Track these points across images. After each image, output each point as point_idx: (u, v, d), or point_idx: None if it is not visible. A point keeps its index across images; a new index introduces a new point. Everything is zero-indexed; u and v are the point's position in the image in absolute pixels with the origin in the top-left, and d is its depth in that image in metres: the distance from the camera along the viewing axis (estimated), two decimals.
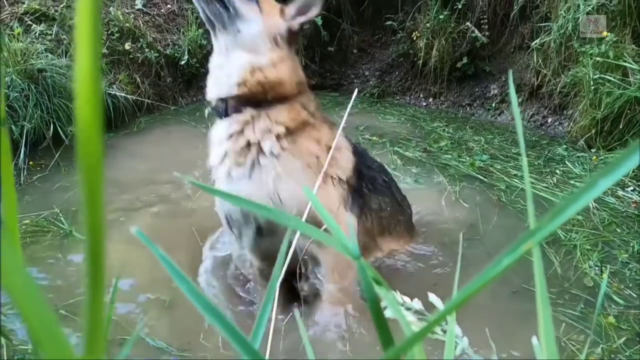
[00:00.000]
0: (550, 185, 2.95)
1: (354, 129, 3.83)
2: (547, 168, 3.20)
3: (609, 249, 2.32)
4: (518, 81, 4.38)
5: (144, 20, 4.34)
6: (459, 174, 3.11)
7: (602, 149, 3.40)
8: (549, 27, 3.98)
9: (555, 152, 3.49)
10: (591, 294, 2.01)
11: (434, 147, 3.59)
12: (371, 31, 5.12)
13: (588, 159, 3.31)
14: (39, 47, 3.53)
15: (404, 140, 3.71)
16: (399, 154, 3.42)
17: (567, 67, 3.86)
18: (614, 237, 2.39)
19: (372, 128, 3.97)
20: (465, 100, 4.74)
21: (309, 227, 0.34)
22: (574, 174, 3.13)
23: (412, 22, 4.75)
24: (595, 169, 3.16)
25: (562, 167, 3.23)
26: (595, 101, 3.43)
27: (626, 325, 1.84)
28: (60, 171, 3.04)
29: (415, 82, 4.97)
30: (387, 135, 3.79)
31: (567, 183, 2.99)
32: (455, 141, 3.72)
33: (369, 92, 4.98)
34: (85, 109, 0.18)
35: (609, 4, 3.47)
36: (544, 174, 3.11)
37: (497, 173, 3.11)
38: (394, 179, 2.31)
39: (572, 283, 2.08)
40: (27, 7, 3.85)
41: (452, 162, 3.27)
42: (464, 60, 4.59)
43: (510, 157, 3.39)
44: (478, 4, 4.47)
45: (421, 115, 4.44)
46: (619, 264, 2.21)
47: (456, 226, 2.51)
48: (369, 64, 5.15)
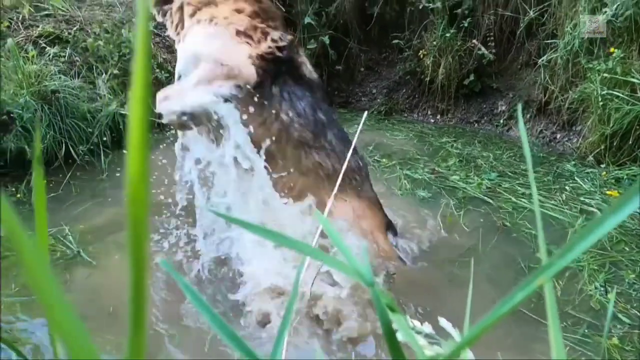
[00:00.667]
0: (559, 203, 2.93)
1: (362, 147, 3.85)
2: (556, 184, 3.19)
3: (616, 269, 2.28)
4: (526, 97, 4.39)
5: (154, 41, 4.42)
6: (465, 197, 3.08)
7: (612, 165, 3.38)
8: (556, 44, 4.00)
9: (564, 168, 3.48)
10: (595, 317, 1.98)
11: (442, 166, 3.57)
12: (378, 50, 5.16)
13: (598, 175, 3.29)
14: (52, 69, 3.60)
15: (412, 160, 3.72)
16: (409, 177, 3.41)
17: (574, 84, 3.86)
18: (622, 257, 2.35)
19: (381, 146, 3.98)
20: (473, 116, 4.75)
21: (322, 254, 0.34)
22: (583, 190, 3.11)
23: (418, 40, 4.79)
24: (605, 185, 3.14)
25: (572, 183, 3.21)
26: (604, 117, 3.43)
27: (630, 346, 1.81)
28: (71, 190, 3.08)
29: (423, 99, 4.99)
30: (396, 155, 3.79)
31: (576, 200, 2.97)
32: (464, 158, 3.71)
33: (377, 110, 5.01)
34: (134, 165, 0.19)
35: (615, 21, 3.49)
36: (553, 191, 3.09)
37: (504, 194, 3.08)
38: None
39: (575, 306, 2.06)
40: (41, 30, 3.93)
41: (459, 184, 3.24)
42: (471, 78, 4.61)
43: (519, 173, 3.38)
44: (484, 22, 4.51)
45: (429, 132, 4.45)
46: (625, 284, 2.18)
47: (452, 249, 2.51)
48: (376, 81, 5.19)
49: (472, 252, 2.48)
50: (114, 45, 4.10)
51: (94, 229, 2.61)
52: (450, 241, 2.59)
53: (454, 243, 2.57)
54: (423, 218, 2.81)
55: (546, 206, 2.89)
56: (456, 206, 2.95)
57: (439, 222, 2.77)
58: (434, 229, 2.69)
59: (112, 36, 4.15)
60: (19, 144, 3.05)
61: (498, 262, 2.39)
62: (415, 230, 2.64)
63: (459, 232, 2.68)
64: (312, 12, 4.79)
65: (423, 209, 2.94)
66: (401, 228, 2.58)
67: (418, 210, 2.91)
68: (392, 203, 2.88)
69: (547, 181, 3.25)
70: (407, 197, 3.11)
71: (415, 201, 3.05)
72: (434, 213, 2.88)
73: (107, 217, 2.74)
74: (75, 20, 4.17)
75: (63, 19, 4.15)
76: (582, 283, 2.18)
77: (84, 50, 4.00)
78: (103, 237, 2.54)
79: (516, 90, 4.56)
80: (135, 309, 0.21)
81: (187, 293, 0.32)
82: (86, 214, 2.78)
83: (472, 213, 2.88)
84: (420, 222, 2.74)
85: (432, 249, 2.49)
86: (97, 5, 4.46)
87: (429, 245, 2.51)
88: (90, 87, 3.82)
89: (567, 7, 3.89)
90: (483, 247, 2.52)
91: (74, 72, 3.81)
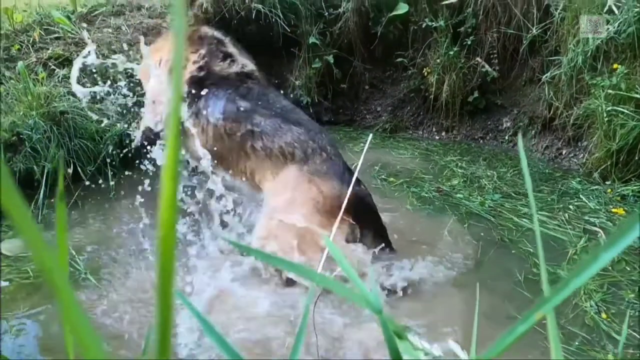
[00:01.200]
0: (562, 222, 2.94)
1: (369, 167, 3.88)
2: (560, 203, 3.19)
3: (615, 289, 2.28)
4: (530, 114, 4.41)
5: None
6: (468, 213, 3.14)
7: (618, 181, 3.37)
8: (559, 61, 4.02)
9: (569, 185, 3.47)
10: (589, 332, 2.00)
11: (446, 185, 3.60)
12: (382, 68, 5.21)
13: (603, 192, 3.28)
14: (61, 90, 3.66)
15: (419, 179, 3.74)
16: (416, 194, 3.44)
17: (579, 100, 3.88)
18: (622, 277, 2.35)
19: (387, 166, 3.99)
20: (478, 133, 4.76)
21: (334, 283, 0.35)
22: (588, 208, 3.10)
23: (422, 58, 4.83)
24: (610, 202, 3.13)
25: (577, 201, 3.21)
26: (609, 133, 3.43)
27: None
28: (78, 210, 3.10)
29: (428, 117, 5.01)
30: (402, 174, 3.82)
31: (580, 219, 2.98)
32: (468, 178, 3.72)
33: (382, 127, 5.04)
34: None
35: (618, 38, 3.51)
36: (557, 210, 3.10)
37: (506, 213, 3.11)
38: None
39: (569, 320, 2.07)
40: (51, 53, 4.01)
41: (463, 202, 3.30)
42: (475, 95, 4.64)
43: (522, 193, 3.38)
44: (487, 40, 4.55)
45: (434, 149, 4.46)
46: (624, 303, 2.18)
47: (451, 262, 2.55)
48: (380, 99, 5.22)
49: (474, 266, 2.52)
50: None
51: (100, 249, 2.62)
52: (454, 254, 2.62)
53: (457, 256, 2.61)
54: (428, 231, 2.86)
55: (548, 226, 2.91)
56: (459, 220, 3.03)
57: (442, 235, 2.81)
58: (439, 242, 2.73)
59: None
60: (28, 164, 3.09)
61: (498, 274, 2.41)
62: (421, 245, 2.66)
63: (463, 245, 2.72)
64: (316, 32, 4.85)
65: (429, 222, 3.02)
66: (408, 241, 2.60)
67: (425, 224, 2.97)
68: (403, 216, 3.02)
69: (550, 200, 3.25)
70: (416, 211, 3.18)
71: (422, 216, 3.12)
72: (439, 227, 2.92)
73: (114, 237, 2.76)
74: (84, 42, 4.25)
75: (72, 41, 4.23)
76: (577, 299, 2.19)
77: (93, 72, 4.06)
78: (110, 257, 2.55)
79: (520, 106, 4.58)
80: (162, 317, 0.22)
81: (203, 325, 0.33)
82: (93, 234, 2.80)
83: (474, 228, 2.95)
84: (426, 236, 2.77)
85: (437, 260, 2.54)
86: (106, 27, 4.54)
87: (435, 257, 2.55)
88: (99, 106, 3.87)
89: (570, 25, 3.92)
90: (482, 258, 2.59)
91: None
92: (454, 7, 4.59)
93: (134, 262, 2.49)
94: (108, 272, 2.41)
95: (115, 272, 2.41)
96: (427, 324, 2.01)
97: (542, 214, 3.02)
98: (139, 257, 2.53)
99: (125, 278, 2.34)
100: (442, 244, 2.73)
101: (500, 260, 2.58)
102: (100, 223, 2.94)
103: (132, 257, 2.54)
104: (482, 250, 2.67)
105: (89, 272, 2.39)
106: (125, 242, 2.67)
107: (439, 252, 2.63)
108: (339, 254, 0.42)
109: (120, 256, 2.54)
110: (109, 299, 2.20)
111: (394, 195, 3.42)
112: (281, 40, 4.84)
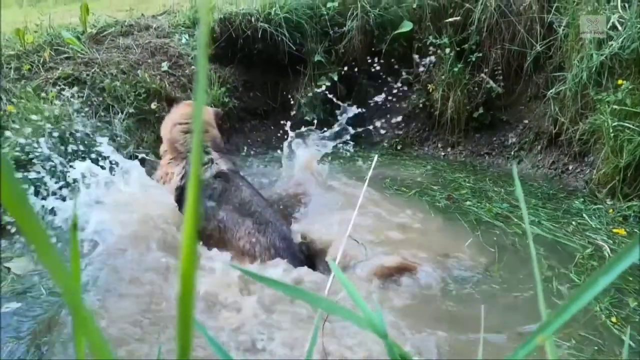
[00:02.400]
0: (568, 234, 2.99)
1: (379, 179, 3.92)
2: (564, 219, 3.21)
3: (620, 295, 2.32)
4: (536, 129, 4.41)
5: (169, 80, 4.55)
6: (478, 220, 3.20)
7: (624, 199, 3.37)
8: (564, 77, 4.04)
9: (572, 205, 3.48)
10: (601, 337, 2.03)
11: (455, 194, 3.67)
12: (387, 85, 5.25)
13: (604, 212, 3.28)
14: (70, 110, 3.71)
15: (428, 188, 3.81)
16: (429, 202, 3.54)
17: (584, 115, 3.88)
18: (626, 286, 2.38)
19: (396, 181, 4.02)
20: (483, 149, 4.76)
21: (341, 309, 0.36)
22: (589, 226, 3.11)
23: (427, 75, 4.87)
24: (612, 222, 3.13)
25: (579, 219, 3.22)
26: (616, 148, 3.43)
27: None
28: None
29: (433, 133, 5.03)
30: (413, 186, 3.88)
31: (582, 233, 3.01)
32: (477, 191, 3.75)
33: (388, 144, 5.06)
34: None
35: (622, 53, 3.53)
36: (563, 224, 3.13)
37: (514, 219, 3.16)
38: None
39: (582, 324, 2.09)
40: (61, 73, 4.08)
41: (472, 209, 3.38)
42: (480, 111, 4.66)
43: (530, 207, 3.39)
44: (491, 56, 4.58)
45: (441, 167, 4.47)
46: (630, 309, 2.22)
47: (463, 268, 2.59)
48: (385, 116, 5.25)
49: (485, 271, 2.57)
50: (130, 85, 4.23)
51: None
52: (465, 258, 2.68)
53: (469, 260, 2.67)
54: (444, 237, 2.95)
55: (557, 235, 2.96)
56: (470, 227, 3.10)
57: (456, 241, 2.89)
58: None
59: (128, 77, 4.29)
60: (38, 185, 3.12)
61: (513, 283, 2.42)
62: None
63: (476, 250, 2.79)
64: (322, 50, 4.91)
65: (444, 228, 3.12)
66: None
67: (439, 230, 3.08)
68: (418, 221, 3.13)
69: (556, 215, 3.28)
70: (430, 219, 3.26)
71: (435, 222, 3.21)
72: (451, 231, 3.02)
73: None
74: (93, 62, 4.32)
75: (82, 61, 4.30)
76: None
77: (102, 90, 4.13)
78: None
79: (526, 122, 4.59)
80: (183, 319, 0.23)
81: (213, 346, 0.34)
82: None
83: (485, 234, 3.02)
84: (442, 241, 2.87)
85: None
86: (115, 47, 4.62)
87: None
88: (107, 126, 3.92)
89: (574, 41, 3.94)
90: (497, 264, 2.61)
91: (92, 112, 3.93)
92: (457, 24, 4.63)
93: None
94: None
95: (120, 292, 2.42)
96: (432, 339, 2.00)
97: (551, 225, 3.08)
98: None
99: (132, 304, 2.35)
100: (457, 250, 2.77)
101: (514, 265, 2.61)
102: None
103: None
104: (497, 256, 2.71)
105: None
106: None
107: (455, 259, 2.66)
108: (344, 278, 0.43)
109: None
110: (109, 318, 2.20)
111: (408, 204, 3.45)
112: (287, 58, 4.90)
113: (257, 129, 5.15)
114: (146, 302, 2.17)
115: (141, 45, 4.71)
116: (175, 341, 0.24)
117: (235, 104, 4.84)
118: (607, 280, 0.25)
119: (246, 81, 5.06)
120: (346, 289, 0.40)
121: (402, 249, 2.65)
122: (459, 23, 4.64)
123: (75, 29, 4.72)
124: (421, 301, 2.30)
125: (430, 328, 2.08)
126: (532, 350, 0.25)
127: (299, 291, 0.35)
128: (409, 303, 2.26)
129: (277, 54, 4.89)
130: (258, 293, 2.22)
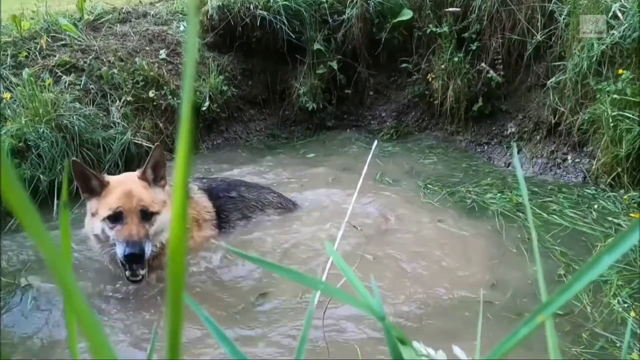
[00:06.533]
0: (591, 222, 3.06)
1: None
2: (583, 204, 3.28)
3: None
4: (535, 119, 4.39)
5: (167, 68, 4.52)
6: (497, 212, 3.25)
7: (629, 188, 3.37)
8: (564, 66, 4.01)
9: (583, 194, 3.51)
10: (614, 332, 2.01)
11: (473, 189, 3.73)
12: (387, 74, 5.22)
13: (618, 198, 3.30)
14: (67, 97, 3.69)
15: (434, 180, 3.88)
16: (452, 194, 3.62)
17: (584, 105, 3.86)
18: None
19: (388, 173, 4.03)
20: (483, 138, 4.75)
21: (337, 291, 0.36)
22: (608, 210, 3.17)
23: (427, 64, 4.84)
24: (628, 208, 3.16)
25: (596, 204, 3.27)
26: (615, 138, 3.42)
27: None
28: (82, 220, 3.11)
29: (432, 122, 5.02)
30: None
31: (605, 219, 3.07)
32: None
33: (387, 133, 5.04)
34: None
35: (623, 43, 3.51)
36: (584, 212, 3.21)
37: (535, 209, 3.24)
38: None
39: (597, 320, 2.08)
40: (58, 60, 4.05)
41: (489, 201, 3.45)
42: (480, 103, 4.63)
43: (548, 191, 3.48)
44: (492, 45, 4.55)
45: (442, 157, 4.47)
46: None
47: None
48: (385, 105, 5.23)
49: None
50: (127, 73, 4.20)
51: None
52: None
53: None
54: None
55: (579, 224, 3.03)
56: (487, 220, 3.20)
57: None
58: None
59: (125, 64, 4.25)
60: (34, 172, 3.11)
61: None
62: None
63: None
64: (321, 39, 4.88)
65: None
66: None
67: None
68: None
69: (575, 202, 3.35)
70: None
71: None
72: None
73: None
74: (90, 49, 4.29)
75: (79, 48, 4.27)
76: (605, 296, 2.20)
77: (99, 78, 4.10)
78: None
79: (525, 111, 4.57)
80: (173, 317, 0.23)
81: (208, 325, 0.34)
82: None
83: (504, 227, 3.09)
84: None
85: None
86: (112, 34, 4.58)
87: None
88: (104, 114, 3.90)
89: (574, 30, 3.91)
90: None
91: (89, 100, 3.91)
92: (457, 14, 4.60)
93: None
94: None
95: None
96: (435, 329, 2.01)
97: (573, 213, 3.16)
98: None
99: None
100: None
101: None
102: None
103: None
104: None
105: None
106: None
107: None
108: (342, 262, 0.42)
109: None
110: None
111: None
112: (286, 46, 4.86)
113: (256, 118, 5.13)
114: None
115: (139, 33, 4.67)
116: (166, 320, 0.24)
117: (234, 92, 4.81)
118: (610, 260, 0.24)
119: (245, 69, 5.03)
120: (344, 273, 0.40)
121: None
122: (459, 13, 4.60)
123: (73, 16, 4.67)
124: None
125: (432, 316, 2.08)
126: (533, 329, 0.25)
127: (299, 275, 0.35)
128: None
129: (276, 42, 4.85)
130: None
